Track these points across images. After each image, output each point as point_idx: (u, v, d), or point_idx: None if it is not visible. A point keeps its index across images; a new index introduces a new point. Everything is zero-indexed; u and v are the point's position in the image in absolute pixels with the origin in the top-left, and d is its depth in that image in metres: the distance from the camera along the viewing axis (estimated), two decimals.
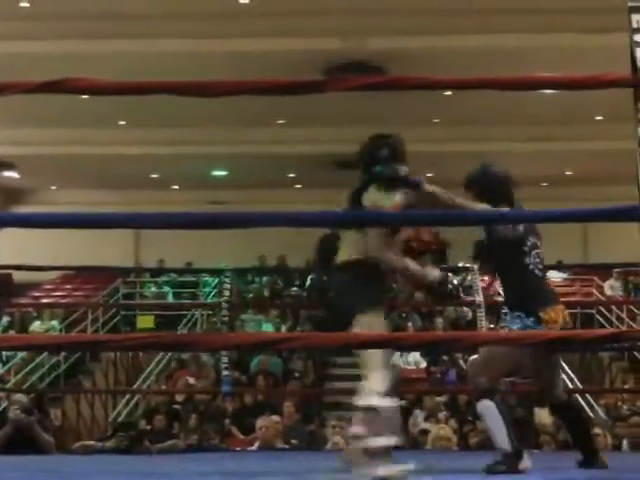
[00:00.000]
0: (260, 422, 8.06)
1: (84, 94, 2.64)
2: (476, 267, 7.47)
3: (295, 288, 15.78)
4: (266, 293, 15.41)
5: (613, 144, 12.69)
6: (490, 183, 4.72)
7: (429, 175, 17.43)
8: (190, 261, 16.27)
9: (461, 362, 11.59)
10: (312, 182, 17.70)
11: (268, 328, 12.87)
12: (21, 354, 11.72)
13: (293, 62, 11.92)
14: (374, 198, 4.13)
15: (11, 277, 16.86)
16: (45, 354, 11.67)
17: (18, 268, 8.91)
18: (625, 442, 8.50)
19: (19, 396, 8.28)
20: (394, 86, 2.92)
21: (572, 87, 3.30)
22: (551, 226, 3.12)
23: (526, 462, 4.45)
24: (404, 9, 11.30)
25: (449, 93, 13.21)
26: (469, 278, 7.90)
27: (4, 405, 9.40)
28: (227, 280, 7.45)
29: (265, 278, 16.05)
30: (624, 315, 12.91)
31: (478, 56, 11.72)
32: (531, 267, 4.55)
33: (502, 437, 4.43)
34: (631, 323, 12.57)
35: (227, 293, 7.39)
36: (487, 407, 4.51)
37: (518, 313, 4.49)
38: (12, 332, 13.15)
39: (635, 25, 2.54)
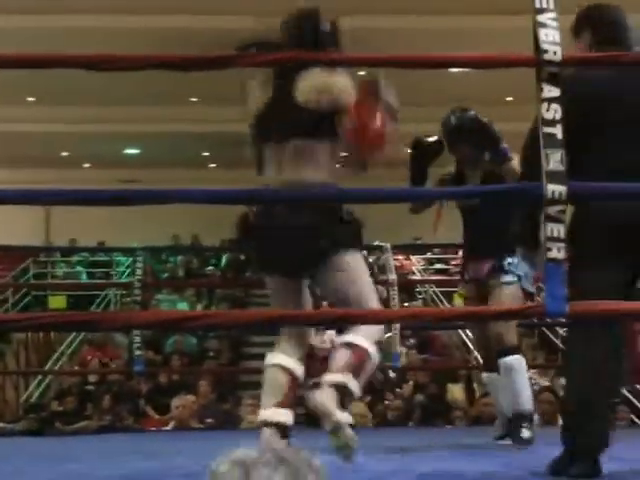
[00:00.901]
0: (176, 402, 8.03)
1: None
2: (388, 245, 7.54)
3: (210, 267, 15.71)
4: (181, 272, 15.30)
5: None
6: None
7: None
8: (102, 240, 16.05)
9: None
10: (226, 161, 17.61)
11: (183, 307, 12.78)
12: None
13: (207, 41, 11.81)
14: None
15: None
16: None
17: None
18: (536, 417, 8.71)
19: None
20: (297, 61, 2.90)
21: (477, 66, 3.33)
22: None
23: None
24: None
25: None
26: (383, 257, 7.94)
27: None
28: (140, 259, 7.37)
29: (179, 257, 15.93)
30: None
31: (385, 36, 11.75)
32: None
33: (528, 396, 4.58)
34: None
35: (140, 272, 7.31)
36: (519, 362, 4.59)
37: None
38: None
39: (538, 5, 2.58)
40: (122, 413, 8.96)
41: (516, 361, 4.58)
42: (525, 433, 4.55)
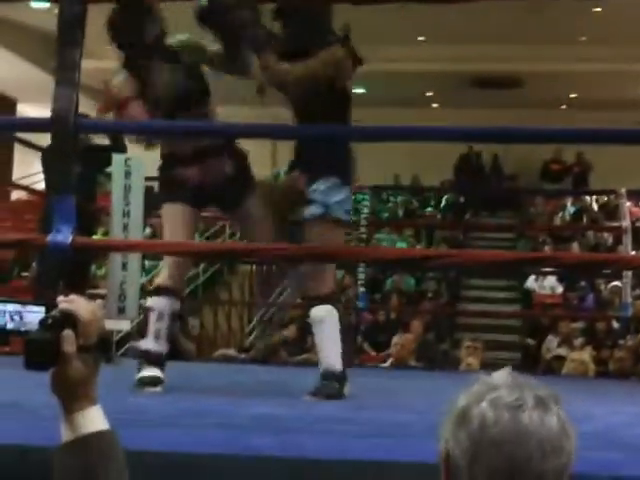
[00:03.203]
0: (396, 339, 8.10)
1: None
2: (623, 190, 7.22)
3: (430, 209, 15.67)
4: (400, 213, 15.34)
5: None
6: None
7: (572, 96, 16.93)
8: None
9: (601, 288, 11.33)
10: (449, 101, 17.41)
11: (403, 247, 12.82)
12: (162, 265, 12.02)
13: None
14: None
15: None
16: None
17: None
18: None
19: None
20: None
21: None
22: None
23: (348, 386, 3.99)
24: None
25: (598, 9, 12.71)
26: (615, 202, 7.61)
27: None
28: (366, 198, 7.44)
29: (400, 197, 15.96)
30: None
31: None
32: None
33: (337, 353, 3.92)
34: None
35: (366, 211, 7.38)
36: (330, 313, 3.94)
37: None
38: None
39: None
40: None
41: (325, 312, 3.94)
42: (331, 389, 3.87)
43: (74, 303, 1.45)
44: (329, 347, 3.95)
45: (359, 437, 2.61)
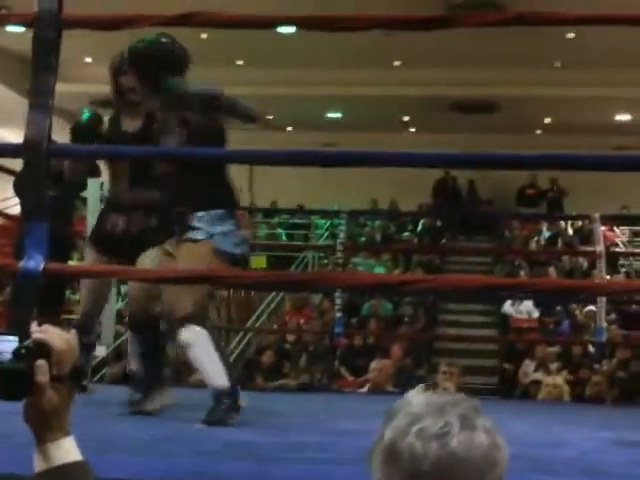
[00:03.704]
0: (374, 364, 8.08)
1: (212, 27, 2.61)
2: (597, 215, 7.27)
3: (407, 233, 15.71)
4: (378, 237, 15.36)
5: None
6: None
7: (547, 120, 17.06)
8: (301, 203, 16.33)
9: (577, 313, 11.37)
10: (426, 125, 17.50)
11: (380, 272, 12.84)
12: None
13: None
14: None
15: None
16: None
17: None
18: None
19: None
20: (527, 22, 2.79)
21: None
22: None
23: (243, 399, 3.96)
24: None
25: (572, 35, 12.81)
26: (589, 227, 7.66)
27: (123, 338, 9.64)
28: (342, 222, 7.44)
29: (377, 222, 15.99)
30: None
31: None
32: None
33: (219, 371, 3.85)
34: None
35: (342, 235, 7.38)
36: (196, 334, 3.86)
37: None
38: None
39: None
40: (317, 373, 9.14)
41: (189, 334, 3.89)
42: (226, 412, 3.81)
43: (47, 333, 1.43)
44: (207, 367, 3.89)
45: (337, 464, 2.59)
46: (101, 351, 6.97)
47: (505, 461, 1.21)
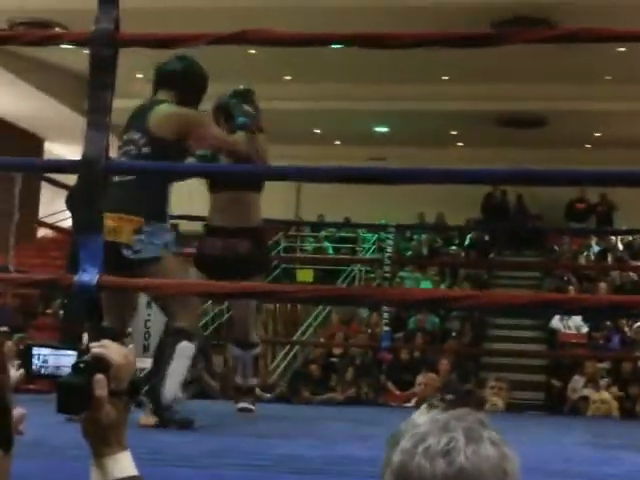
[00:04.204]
0: (420, 378, 8.07)
1: (265, 45, 2.66)
2: None
3: (454, 247, 15.65)
4: (424, 251, 15.33)
5: None
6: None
7: (597, 135, 16.93)
8: (348, 217, 16.35)
9: (626, 328, 11.24)
10: (474, 140, 17.44)
11: (427, 286, 12.81)
12: None
13: (459, 16, 11.72)
14: None
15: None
16: (209, 302, 11.96)
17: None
18: None
19: None
20: (579, 38, 2.79)
21: None
22: None
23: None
24: None
25: (622, 49, 12.71)
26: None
27: None
28: (390, 236, 7.45)
29: (424, 235, 15.95)
30: None
31: None
32: None
33: (176, 385, 4.08)
34: None
35: (390, 249, 7.39)
36: (186, 349, 4.13)
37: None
38: None
39: None
40: (364, 386, 9.15)
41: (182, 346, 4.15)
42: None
43: (106, 347, 1.46)
44: (174, 380, 4.14)
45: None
46: (149, 363, 7.03)
47: (517, 472, 1.20)
